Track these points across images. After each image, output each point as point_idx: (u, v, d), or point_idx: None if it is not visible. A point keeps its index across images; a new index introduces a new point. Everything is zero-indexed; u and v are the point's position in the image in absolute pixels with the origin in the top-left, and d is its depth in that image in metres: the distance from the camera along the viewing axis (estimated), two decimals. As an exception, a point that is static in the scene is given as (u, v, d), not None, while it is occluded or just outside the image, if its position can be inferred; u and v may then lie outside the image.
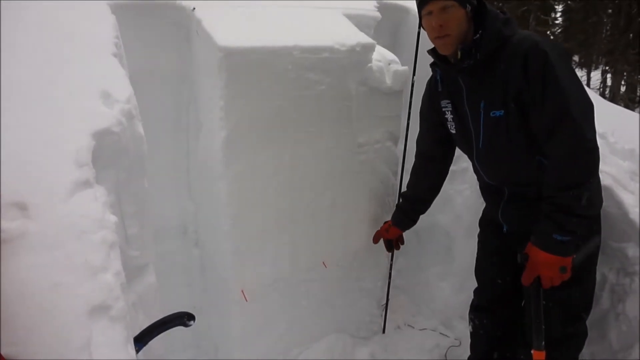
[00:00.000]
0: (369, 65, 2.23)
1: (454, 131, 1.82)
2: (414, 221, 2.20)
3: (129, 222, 1.45)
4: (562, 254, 1.52)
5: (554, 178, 1.52)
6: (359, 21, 2.43)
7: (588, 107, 1.50)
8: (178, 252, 2.34)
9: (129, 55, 1.97)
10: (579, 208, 1.51)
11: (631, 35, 13.05)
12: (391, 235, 2.24)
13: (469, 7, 1.56)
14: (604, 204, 2.16)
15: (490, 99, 1.60)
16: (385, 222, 2.33)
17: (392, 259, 2.60)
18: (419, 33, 2.32)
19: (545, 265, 1.52)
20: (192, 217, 2.33)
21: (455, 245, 2.93)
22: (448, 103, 1.78)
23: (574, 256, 1.55)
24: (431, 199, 2.13)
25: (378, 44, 2.34)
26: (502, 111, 1.58)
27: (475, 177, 1.94)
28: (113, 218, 1.12)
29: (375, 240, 2.36)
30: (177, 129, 2.24)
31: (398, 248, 2.33)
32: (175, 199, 2.30)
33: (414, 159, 2.49)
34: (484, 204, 2.01)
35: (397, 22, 2.91)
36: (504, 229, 1.84)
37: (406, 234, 3.30)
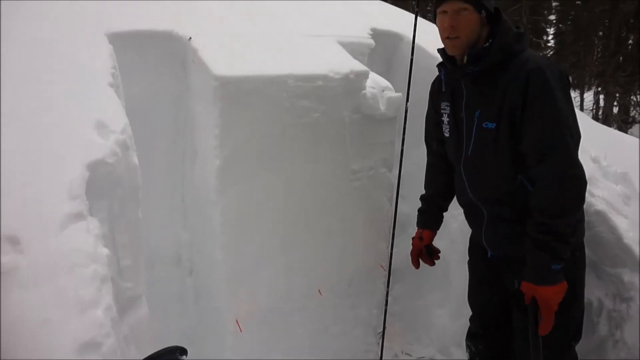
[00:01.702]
0: (363, 92, 2.25)
1: (447, 134, 1.82)
2: (440, 219, 2.12)
3: (122, 253, 1.44)
4: (560, 280, 1.53)
5: (546, 204, 1.52)
6: (352, 49, 2.47)
7: (578, 137, 1.53)
8: (171, 280, 2.32)
9: (126, 84, 1.99)
10: (571, 235, 1.52)
11: (621, 57, 13.28)
12: (427, 240, 2.12)
13: (484, 13, 1.58)
14: (597, 228, 2.17)
15: (486, 110, 1.61)
16: (415, 234, 2.20)
17: (388, 285, 2.57)
18: (411, 60, 2.36)
19: (555, 298, 1.53)
20: (186, 245, 2.32)
21: (451, 271, 2.91)
22: (447, 106, 1.80)
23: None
24: (450, 194, 2.03)
25: (372, 70, 2.38)
26: (495, 124, 1.59)
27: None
28: (105, 251, 1.12)
29: (414, 259, 2.14)
30: (172, 156, 2.25)
31: (437, 257, 2.16)
32: (170, 227, 2.29)
33: (409, 184, 2.49)
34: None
35: (390, 49, 2.95)
36: (489, 254, 1.82)
37: (403, 260, 3.25)
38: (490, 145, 1.63)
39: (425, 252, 2.11)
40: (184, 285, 2.34)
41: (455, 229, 2.84)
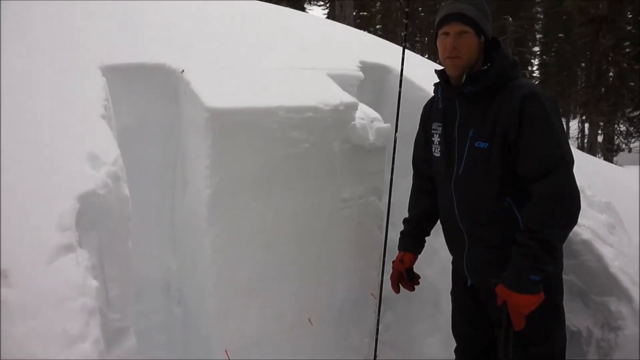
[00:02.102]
0: (352, 123, 2.29)
1: (437, 154, 1.86)
2: (422, 243, 2.10)
3: (111, 285, 1.43)
4: (536, 292, 1.55)
5: (541, 213, 1.54)
6: (342, 81, 2.53)
7: (572, 160, 1.59)
8: (160, 310, 2.29)
9: (118, 115, 2.02)
10: (557, 249, 1.58)
11: (603, 89, 13.65)
12: (407, 264, 2.09)
13: (482, 39, 1.68)
14: (583, 257, 2.20)
15: (479, 130, 1.66)
16: (396, 257, 2.17)
17: (379, 314, 2.56)
18: (399, 92, 2.42)
19: (526, 307, 1.56)
20: (175, 274, 2.30)
21: (442, 299, 2.90)
22: (439, 126, 1.84)
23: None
24: (434, 217, 2.03)
25: (361, 102, 2.43)
26: (487, 144, 1.65)
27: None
28: (94, 283, 1.12)
29: (394, 283, 2.10)
30: (162, 184, 2.26)
31: (417, 282, 2.14)
32: (158, 255, 2.28)
33: (399, 212, 2.49)
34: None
35: (379, 81, 3.02)
36: (468, 283, 1.83)
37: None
38: (482, 164, 1.67)
39: (405, 277, 2.09)
40: (172, 314, 2.31)
41: (446, 256, 2.82)
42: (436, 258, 2.90)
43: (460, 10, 1.66)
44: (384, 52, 3.52)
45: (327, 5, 18.66)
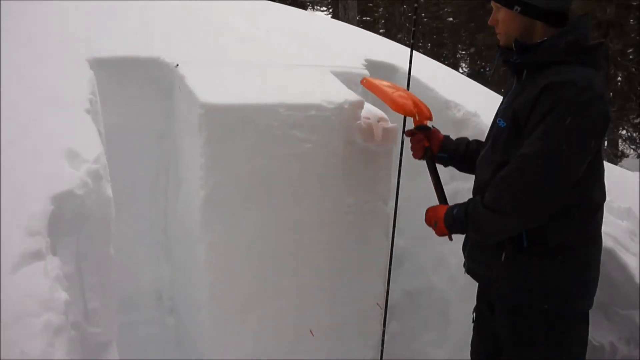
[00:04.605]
0: (358, 122, 2.16)
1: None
2: (452, 144, 1.87)
3: (89, 295, 1.29)
4: (446, 223, 1.61)
5: (490, 195, 1.50)
6: (347, 79, 2.40)
7: (549, 159, 1.39)
8: (151, 321, 2.15)
9: (107, 112, 1.89)
10: (483, 229, 1.53)
11: (611, 94, 13.55)
12: (434, 140, 1.86)
13: (517, 9, 1.53)
14: (606, 267, 2.04)
15: (507, 107, 1.56)
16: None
17: (384, 325, 2.43)
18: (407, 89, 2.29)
19: (431, 211, 1.70)
20: (167, 282, 2.16)
21: (450, 309, 2.78)
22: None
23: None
24: (470, 158, 1.80)
25: (367, 101, 2.30)
26: (506, 124, 1.54)
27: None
28: (63, 296, 0.98)
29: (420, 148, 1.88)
30: (155, 187, 2.12)
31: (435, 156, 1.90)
32: (150, 262, 2.14)
33: (406, 217, 2.35)
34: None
35: (385, 80, 2.90)
36: (465, 270, 1.75)
37: (400, 296, 3.04)
38: (496, 144, 1.57)
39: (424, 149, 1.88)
40: (165, 326, 2.16)
41: (455, 264, 2.71)
42: (445, 266, 2.78)
43: None
44: (390, 51, 3.39)
45: (330, 10, 18.61)
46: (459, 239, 1.79)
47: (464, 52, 19.01)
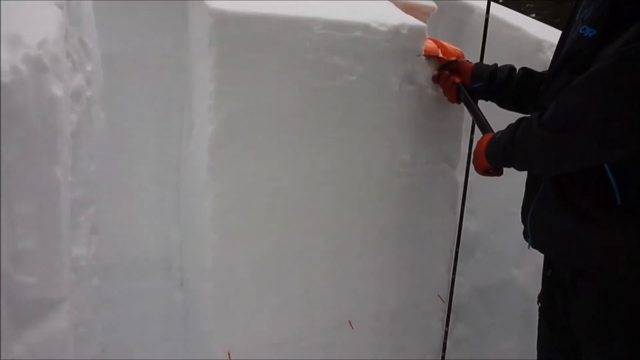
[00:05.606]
0: (420, 56, 1.69)
1: None
2: (491, 70, 1.61)
3: (21, 230, 0.94)
4: (487, 149, 1.38)
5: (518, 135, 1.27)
6: (408, 6, 1.93)
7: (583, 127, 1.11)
8: (158, 294, 1.80)
9: (110, 38, 1.57)
10: (507, 156, 1.30)
11: None
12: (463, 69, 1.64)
13: None
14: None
15: (596, 11, 1.27)
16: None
17: (447, 324, 1.98)
18: (485, 35, 1.79)
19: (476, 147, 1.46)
20: (178, 250, 1.81)
21: (535, 310, 2.27)
22: None
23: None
24: (522, 78, 1.56)
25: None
26: (595, 31, 1.26)
27: None
28: None
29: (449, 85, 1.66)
30: (166, 132, 1.77)
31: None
32: (160, 224, 1.79)
33: (479, 194, 1.97)
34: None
35: (456, 21, 2.40)
36: (529, 244, 1.47)
37: (469, 292, 2.63)
38: (582, 59, 1.26)
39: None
40: (172, 301, 1.81)
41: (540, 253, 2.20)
42: (528, 256, 2.26)
43: None
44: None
45: None
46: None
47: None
